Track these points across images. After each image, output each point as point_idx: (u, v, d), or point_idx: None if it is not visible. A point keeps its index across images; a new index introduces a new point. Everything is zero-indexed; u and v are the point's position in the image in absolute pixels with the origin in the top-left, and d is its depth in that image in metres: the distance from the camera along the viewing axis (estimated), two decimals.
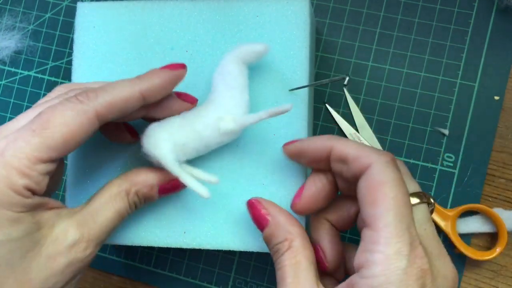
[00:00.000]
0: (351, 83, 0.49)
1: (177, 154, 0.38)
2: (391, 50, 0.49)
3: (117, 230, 0.43)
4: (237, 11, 0.43)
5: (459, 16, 0.49)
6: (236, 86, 0.39)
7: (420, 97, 0.48)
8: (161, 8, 0.44)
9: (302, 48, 0.42)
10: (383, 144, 0.48)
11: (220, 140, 0.39)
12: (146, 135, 0.38)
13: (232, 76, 0.39)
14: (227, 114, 0.38)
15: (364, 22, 0.50)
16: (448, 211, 0.46)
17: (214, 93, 0.39)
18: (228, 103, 0.39)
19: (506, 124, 0.47)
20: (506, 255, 0.46)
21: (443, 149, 0.48)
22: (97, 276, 0.52)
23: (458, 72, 0.48)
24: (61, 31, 0.55)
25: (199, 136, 0.38)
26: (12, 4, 0.56)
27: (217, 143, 0.39)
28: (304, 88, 0.41)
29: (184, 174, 0.38)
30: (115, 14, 0.44)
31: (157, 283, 0.51)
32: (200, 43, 0.43)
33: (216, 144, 0.39)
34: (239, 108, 0.39)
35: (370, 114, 0.49)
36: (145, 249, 0.51)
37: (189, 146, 0.38)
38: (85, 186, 0.43)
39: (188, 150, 0.38)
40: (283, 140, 0.39)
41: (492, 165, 0.47)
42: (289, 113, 0.41)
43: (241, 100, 0.39)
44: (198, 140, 0.38)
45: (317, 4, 0.51)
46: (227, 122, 0.38)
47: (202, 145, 0.39)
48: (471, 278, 0.47)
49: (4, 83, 0.56)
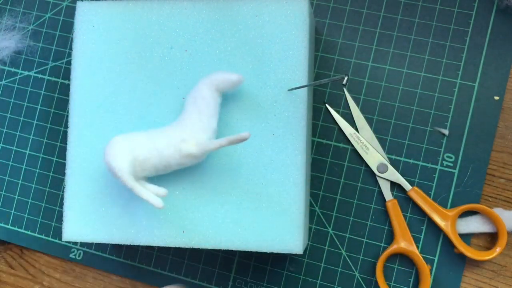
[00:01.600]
0: (349, 83, 0.49)
1: (136, 168, 0.39)
2: (391, 50, 0.49)
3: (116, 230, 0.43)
4: (236, 10, 0.43)
5: (459, 16, 0.49)
6: (206, 112, 0.40)
7: (420, 97, 0.48)
8: (160, 7, 0.44)
9: (301, 48, 0.42)
10: (383, 144, 0.48)
11: (180, 162, 0.40)
12: (109, 145, 0.39)
13: (205, 101, 0.40)
14: (192, 137, 0.39)
15: (364, 22, 0.50)
16: (448, 211, 0.46)
17: (184, 114, 0.40)
18: (195, 126, 0.39)
19: (506, 124, 0.47)
20: (506, 255, 0.46)
21: (443, 149, 0.48)
22: (97, 276, 0.52)
23: (458, 72, 0.48)
24: (61, 31, 0.55)
25: (159, 154, 0.39)
26: (12, 4, 0.56)
27: (177, 164, 0.40)
28: (303, 87, 0.41)
29: (138, 186, 0.39)
30: (114, 13, 0.44)
31: (157, 283, 0.51)
32: (200, 42, 0.43)
33: (176, 165, 0.40)
34: (205, 133, 0.39)
35: (370, 114, 0.49)
36: (145, 249, 0.51)
37: (148, 162, 0.39)
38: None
39: (147, 167, 0.39)
40: (282, 140, 0.39)
41: (492, 165, 0.47)
42: (288, 113, 0.41)
43: (208, 125, 0.40)
44: (158, 158, 0.39)
45: (317, 4, 0.51)
46: (189, 145, 0.39)
47: (162, 163, 0.39)
48: (471, 278, 0.46)
49: (4, 83, 0.56)
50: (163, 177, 0.41)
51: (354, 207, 0.48)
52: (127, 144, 0.39)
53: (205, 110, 0.40)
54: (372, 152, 0.48)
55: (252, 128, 0.41)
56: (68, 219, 0.44)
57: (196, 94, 0.40)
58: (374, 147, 0.48)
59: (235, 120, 0.42)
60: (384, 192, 0.47)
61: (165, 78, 0.43)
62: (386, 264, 0.48)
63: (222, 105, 0.41)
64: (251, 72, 0.42)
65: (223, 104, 0.41)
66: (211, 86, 0.40)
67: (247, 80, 0.42)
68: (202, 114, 0.40)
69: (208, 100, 0.40)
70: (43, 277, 0.53)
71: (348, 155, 0.49)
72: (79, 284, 0.53)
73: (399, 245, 0.46)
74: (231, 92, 0.41)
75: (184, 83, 0.43)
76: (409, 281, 0.47)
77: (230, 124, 0.42)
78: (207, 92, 0.40)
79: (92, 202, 0.43)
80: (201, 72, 0.43)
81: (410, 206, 0.47)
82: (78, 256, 0.52)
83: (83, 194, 0.43)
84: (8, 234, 0.54)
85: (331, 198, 0.49)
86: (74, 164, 0.44)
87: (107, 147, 0.39)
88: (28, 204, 0.54)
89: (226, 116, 0.42)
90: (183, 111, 0.41)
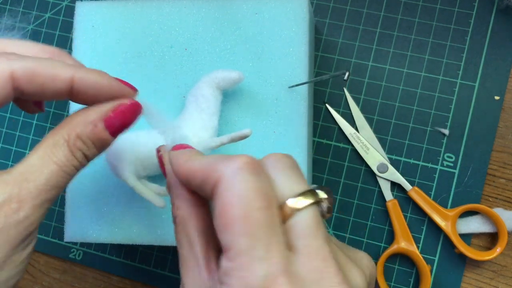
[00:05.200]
0: (349, 83, 0.49)
1: (137, 167, 0.39)
2: (391, 50, 0.49)
3: (118, 230, 0.42)
4: (236, 8, 0.43)
5: (459, 16, 0.49)
6: (207, 110, 0.40)
7: (420, 97, 0.48)
8: (160, 6, 0.44)
9: (301, 45, 0.42)
10: (383, 144, 0.48)
11: None
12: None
13: (205, 99, 0.40)
14: (194, 135, 0.39)
15: (364, 22, 0.50)
16: (448, 211, 0.46)
17: (185, 113, 0.40)
18: (196, 125, 0.39)
19: (506, 124, 0.47)
20: (506, 255, 0.46)
21: (443, 149, 0.47)
22: (97, 276, 0.52)
23: (458, 72, 0.48)
24: (61, 31, 0.55)
25: None
26: (12, 4, 0.56)
27: None
28: (304, 85, 0.41)
29: (140, 186, 0.39)
30: (114, 13, 0.44)
31: (157, 283, 0.51)
32: (200, 41, 0.43)
33: None
34: (206, 131, 0.39)
35: (370, 114, 0.49)
36: (145, 249, 0.51)
37: (150, 161, 0.39)
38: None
39: (148, 166, 0.39)
40: (283, 137, 0.39)
41: (492, 165, 0.47)
42: (289, 110, 0.41)
43: (209, 123, 0.40)
44: None
45: (317, 4, 0.51)
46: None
47: None
48: (472, 278, 0.46)
49: None
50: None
51: (354, 207, 0.48)
52: (129, 143, 0.39)
53: (206, 108, 0.40)
54: (372, 152, 0.48)
55: (253, 125, 0.41)
56: (69, 219, 0.43)
57: (197, 92, 0.40)
58: (374, 147, 0.48)
59: (236, 118, 0.42)
60: (384, 192, 0.47)
61: (165, 77, 0.43)
62: (386, 264, 0.47)
63: (223, 103, 0.41)
64: (252, 69, 0.42)
65: (224, 102, 0.41)
66: (211, 84, 0.40)
67: (247, 77, 0.42)
68: (203, 112, 0.40)
69: (209, 98, 0.40)
70: (42, 277, 0.53)
71: (348, 155, 0.49)
72: (79, 284, 0.53)
73: (399, 245, 0.46)
74: (231, 90, 0.41)
75: (185, 81, 0.43)
76: (409, 281, 0.47)
77: (231, 121, 0.42)
78: (208, 90, 0.40)
79: (94, 202, 0.43)
80: (201, 71, 0.43)
81: (411, 206, 0.47)
82: (78, 256, 0.52)
83: (84, 194, 0.43)
84: None
85: None
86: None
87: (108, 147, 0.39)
88: None
89: (227, 114, 0.42)
90: (184, 110, 0.41)
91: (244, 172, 0.24)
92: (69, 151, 0.30)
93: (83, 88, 0.30)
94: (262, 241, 0.23)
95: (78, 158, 0.30)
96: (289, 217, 0.25)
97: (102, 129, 0.31)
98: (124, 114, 0.32)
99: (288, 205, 0.25)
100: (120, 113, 0.31)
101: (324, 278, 0.24)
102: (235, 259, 0.23)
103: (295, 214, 0.25)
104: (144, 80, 0.44)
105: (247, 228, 0.23)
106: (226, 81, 0.40)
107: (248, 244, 0.23)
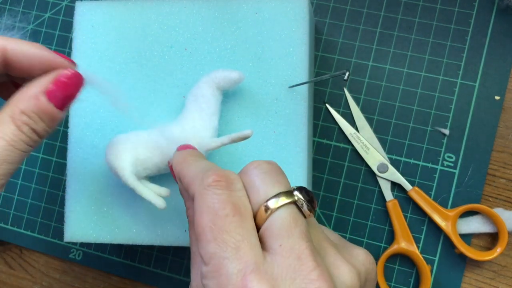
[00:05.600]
0: (349, 82, 0.49)
1: (137, 168, 0.39)
2: (391, 50, 0.49)
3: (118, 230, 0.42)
4: (236, 8, 0.43)
5: (459, 16, 0.49)
6: (207, 110, 0.40)
7: (420, 97, 0.48)
8: (159, 6, 0.44)
9: (301, 45, 0.42)
10: (383, 144, 0.48)
11: None
12: (110, 144, 0.39)
13: (205, 99, 0.40)
14: (194, 135, 0.39)
15: (364, 22, 0.50)
16: (448, 211, 0.46)
17: (185, 113, 0.40)
18: (196, 125, 0.39)
19: (506, 124, 0.47)
20: (506, 255, 0.46)
21: (443, 149, 0.47)
22: (97, 276, 0.52)
23: (458, 72, 0.48)
24: (61, 30, 0.55)
25: (161, 153, 0.39)
26: (12, 4, 0.56)
27: None
28: (304, 84, 0.41)
29: (140, 186, 0.38)
30: (113, 12, 0.44)
31: (157, 283, 0.51)
32: (200, 41, 0.43)
33: None
34: (207, 131, 0.39)
35: (370, 114, 0.49)
36: (145, 249, 0.51)
37: (151, 161, 0.39)
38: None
39: (149, 165, 0.39)
40: (283, 137, 0.39)
41: (493, 165, 0.47)
42: (289, 110, 0.41)
43: (209, 123, 0.40)
44: (160, 156, 0.39)
45: (317, 4, 0.51)
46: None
47: (164, 162, 0.39)
48: (472, 279, 0.46)
49: None
50: (165, 177, 0.41)
51: (354, 207, 0.48)
52: (129, 143, 0.39)
53: (206, 108, 0.40)
54: (372, 152, 0.48)
55: (253, 125, 0.41)
56: (69, 219, 0.43)
57: (197, 92, 0.40)
58: (375, 147, 0.48)
59: (236, 118, 0.42)
60: (384, 192, 0.47)
61: (165, 77, 0.43)
62: (387, 264, 0.47)
63: (223, 103, 0.41)
64: (252, 69, 0.42)
65: (224, 102, 0.41)
66: (211, 84, 0.40)
67: (247, 77, 0.42)
68: (203, 113, 0.40)
69: (209, 98, 0.40)
70: (42, 277, 0.53)
71: (348, 155, 0.49)
72: (78, 284, 0.52)
73: (400, 245, 0.46)
74: (232, 90, 0.41)
75: (185, 81, 0.43)
76: (410, 281, 0.47)
77: (231, 122, 0.42)
78: (208, 90, 0.40)
79: (94, 203, 0.43)
80: (201, 71, 0.43)
81: (411, 206, 0.47)
82: (77, 256, 0.52)
83: (84, 194, 0.43)
84: (7, 234, 0.54)
85: (331, 198, 0.49)
86: (75, 164, 0.44)
87: (109, 147, 0.39)
88: (27, 204, 0.54)
89: (227, 114, 0.42)
90: (184, 110, 0.41)
91: (212, 187, 0.27)
92: (15, 126, 0.30)
93: (16, 58, 0.31)
94: (230, 244, 0.25)
95: (26, 133, 0.30)
96: (265, 219, 0.27)
97: (46, 102, 0.31)
98: (65, 85, 0.32)
99: (262, 208, 0.27)
100: (61, 84, 0.31)
101: (298, 275, 0.24)
102: (209, 263, 0.25)
103: (270, 216, 0.27)
104: (144, 80, 0.43)
105: (215, 234, 0.26)
106: (226, 81, 0.40)
107: (217, 247, 0.25)
